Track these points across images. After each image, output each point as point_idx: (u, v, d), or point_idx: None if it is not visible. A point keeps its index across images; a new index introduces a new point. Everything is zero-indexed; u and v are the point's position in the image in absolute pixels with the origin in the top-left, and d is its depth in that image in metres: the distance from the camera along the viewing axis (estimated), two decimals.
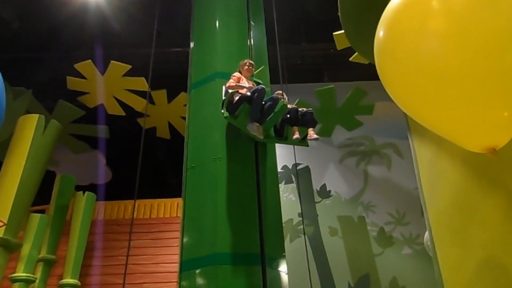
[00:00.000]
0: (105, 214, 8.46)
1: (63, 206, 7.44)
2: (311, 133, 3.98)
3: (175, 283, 3.51)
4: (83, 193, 7.53)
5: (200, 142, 4.10)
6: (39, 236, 6.74)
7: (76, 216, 7.28)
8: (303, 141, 4.02)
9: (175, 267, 5.83)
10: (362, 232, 7.68)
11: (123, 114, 8.78)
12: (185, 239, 3.75)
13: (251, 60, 4.29)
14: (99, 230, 7.97)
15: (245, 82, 3.96)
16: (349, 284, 7.10)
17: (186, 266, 3.61)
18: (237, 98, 3.77)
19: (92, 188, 8.29)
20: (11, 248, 5.90)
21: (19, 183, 6.07)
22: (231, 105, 3.81)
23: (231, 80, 3.90)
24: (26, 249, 6.45)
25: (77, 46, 8.83)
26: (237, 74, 4.02)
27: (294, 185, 8.24)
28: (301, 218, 7.77)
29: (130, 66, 7.99)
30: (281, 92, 4.25)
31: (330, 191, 8.17)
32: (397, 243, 7.53)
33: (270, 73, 4.95)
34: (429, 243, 6.54)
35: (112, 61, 7.98)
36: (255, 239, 3.43)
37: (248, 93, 3.72)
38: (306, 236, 7.50)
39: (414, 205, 7.61)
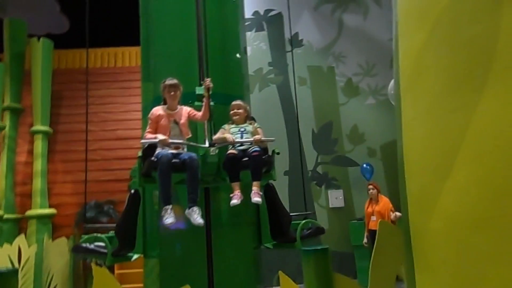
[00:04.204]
0: (67, 63, 8.12)
1: (18, 53, 7.02)
2: (254, 191, 2.74)
3: None
4: (38, 39, 7.03)
5: None
6: None
7: (35, 64, 6.96)
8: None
9: None
10: (330, 82, 7.77)
11: None
12: (143, 86, 3.78)
13: None
14: (63, 80, 7.76)
15: (164, 121, 2.82)
16: (312, 130, 7.52)
17: (146, 112, 3.70)
18: (150, 159, 2.70)
19: (50, 38, 7.67)
20: None
21: None
22: (145, 169, 2.76)
23: (148, 126, 2.83)
24: None
25: None
26: (156, 110, 2.87)
27: (265, 32, 7.88)
28: (271, 68, 7.69)
29: None
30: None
31: (302, 40, 7.90)
32: (362, 94, 7.73)
33: None
34: (392, 92, 6.73)
35: None
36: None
37: (155, 158, 2.64)
38: (276, 85, 7.58)
39: (384, 57, 7.56)
